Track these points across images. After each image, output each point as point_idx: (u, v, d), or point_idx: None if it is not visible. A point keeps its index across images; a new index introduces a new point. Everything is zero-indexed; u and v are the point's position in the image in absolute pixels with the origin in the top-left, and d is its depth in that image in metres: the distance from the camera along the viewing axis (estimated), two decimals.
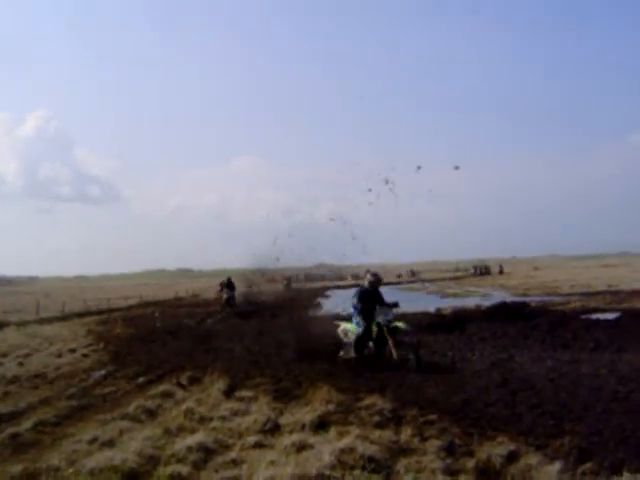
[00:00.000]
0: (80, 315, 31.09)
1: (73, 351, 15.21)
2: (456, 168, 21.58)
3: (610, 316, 18.70)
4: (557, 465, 4.96)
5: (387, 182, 15.24)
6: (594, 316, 19.52)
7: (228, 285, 31.20)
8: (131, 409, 8.06)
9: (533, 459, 5.23)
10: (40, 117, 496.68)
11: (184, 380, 9.96)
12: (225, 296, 30.56)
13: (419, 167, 16.45)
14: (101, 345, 16.27)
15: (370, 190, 15.96)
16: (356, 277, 73.50)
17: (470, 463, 5.34)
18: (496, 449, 5.51)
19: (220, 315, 26.27)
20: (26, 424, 7.48)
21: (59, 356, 14.49)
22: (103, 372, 11.64)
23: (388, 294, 12.32)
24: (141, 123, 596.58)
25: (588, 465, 5.01)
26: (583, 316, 19.43)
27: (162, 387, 9.53)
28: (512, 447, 5.55)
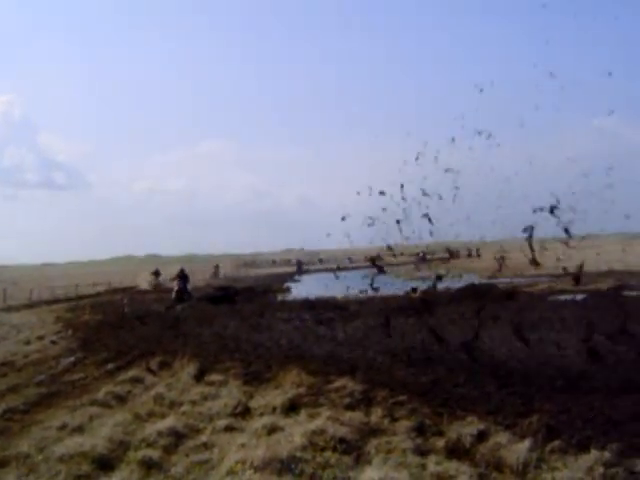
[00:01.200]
0: (48, 302, 30.69)
1: (41, 338, 14.98)
2: None
3: (577, 297, 19.02)
4: (526, 443, 5.04)
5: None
6: (562, 297, 19.84)
7: (181, 277, 28.24)
8: (101, 395, 7.99)
9: (502, 438, 5.31)
10: (4, 102, 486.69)
11: (154, 365, 9.89)
12: (176, 288, 27.61)
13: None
14: (70, 332, 16.04)
15: None
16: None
17: (440, 443, 5.40)
18: (466, 429, 5.57)
19: (188, 302, 25.82)
20: None
21: (27, 343, 14.27)
22: (72, 359, 11.46)
23: (354, 278, 12.38)
24: (107, 108, 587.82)
25: (556, 443, 5.10)
26: (550, 297, 19.73)
27: (132, 373, 9.45)
28: (481, 426, 5.62)
